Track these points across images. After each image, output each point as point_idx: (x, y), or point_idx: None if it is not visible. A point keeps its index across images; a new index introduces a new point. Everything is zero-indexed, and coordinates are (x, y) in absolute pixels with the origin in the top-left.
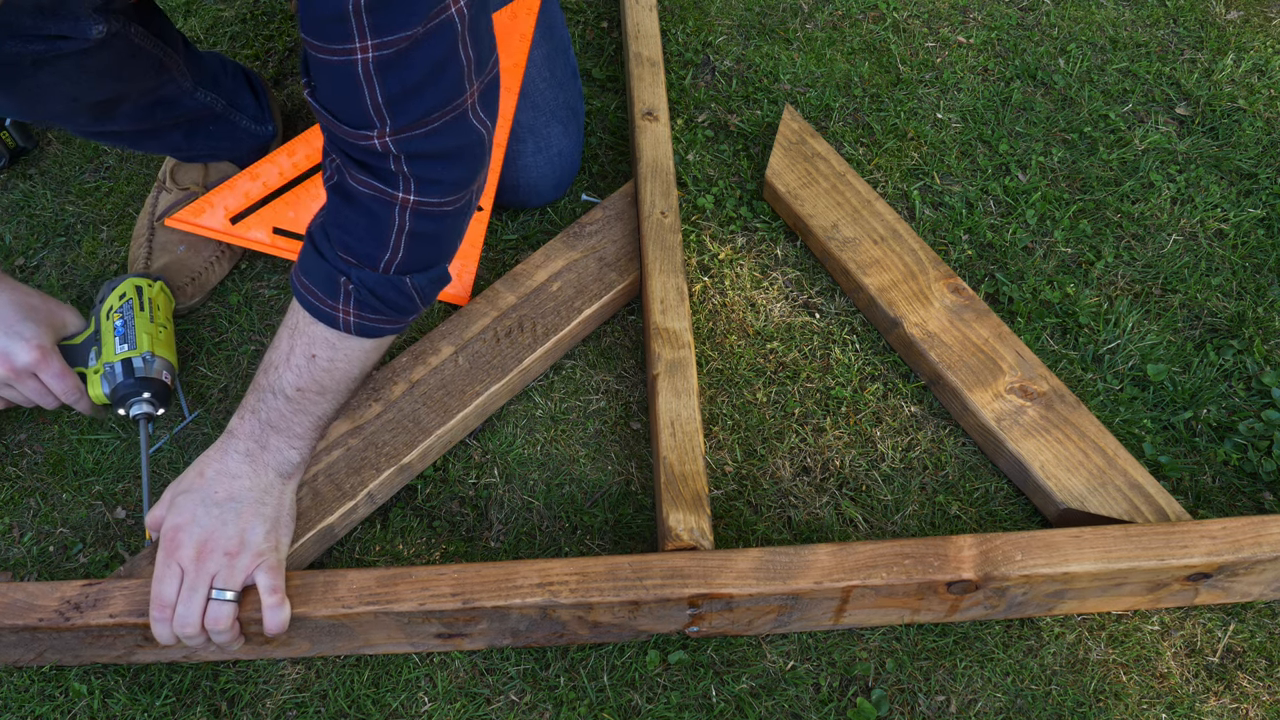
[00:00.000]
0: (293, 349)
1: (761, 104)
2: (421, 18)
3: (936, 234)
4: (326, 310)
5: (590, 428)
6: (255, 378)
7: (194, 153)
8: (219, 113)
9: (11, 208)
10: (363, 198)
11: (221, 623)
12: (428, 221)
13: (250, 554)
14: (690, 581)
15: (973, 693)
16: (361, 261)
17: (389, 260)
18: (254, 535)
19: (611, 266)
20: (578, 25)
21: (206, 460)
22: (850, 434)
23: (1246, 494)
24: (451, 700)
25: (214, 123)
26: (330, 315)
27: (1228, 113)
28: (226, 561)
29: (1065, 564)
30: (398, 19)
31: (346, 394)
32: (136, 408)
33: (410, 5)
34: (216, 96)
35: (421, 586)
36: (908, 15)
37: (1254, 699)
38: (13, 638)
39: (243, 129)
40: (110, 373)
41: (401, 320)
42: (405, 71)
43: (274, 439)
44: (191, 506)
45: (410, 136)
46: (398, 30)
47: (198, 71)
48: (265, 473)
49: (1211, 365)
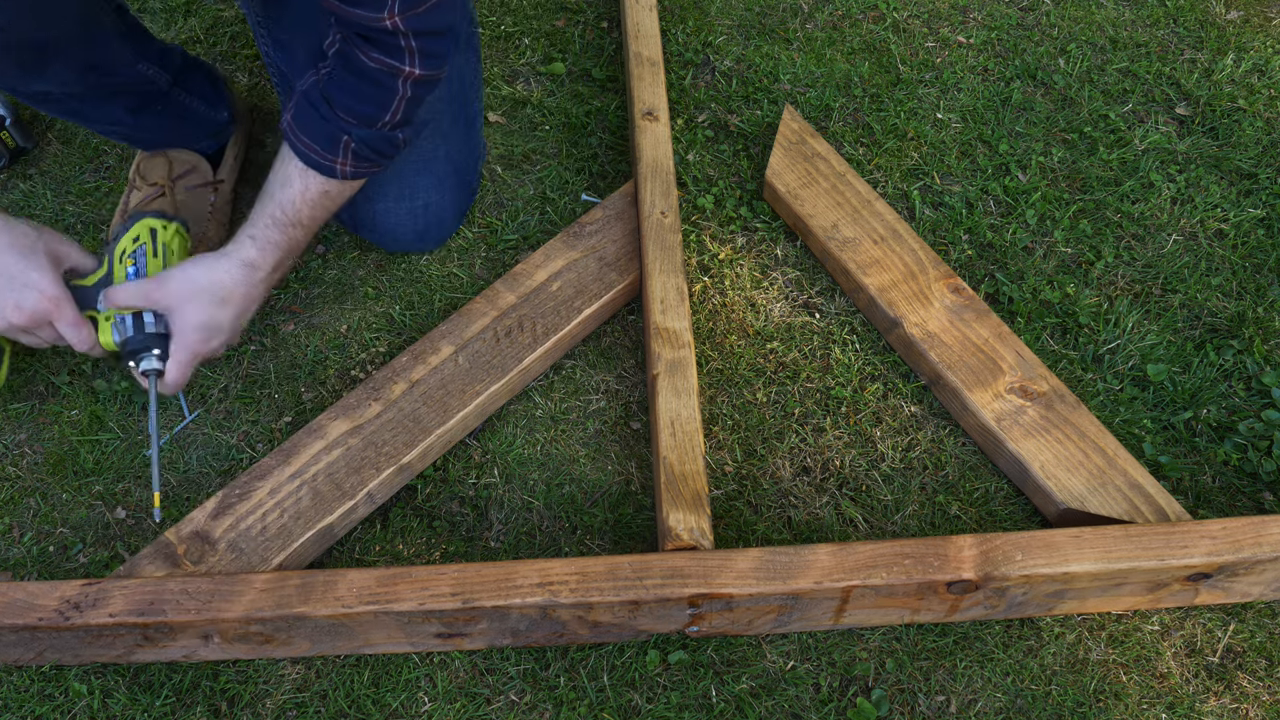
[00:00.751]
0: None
1: (761, 104)
2: None
3: (936, 234)
4: (325, 163)
5: (590, 428)
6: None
7: (144, 135)
8: (164, 90)
9: (11, 208)
10: (372, 71)
11: None
12: (423, 88)
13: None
14: (690, 581)
15: (973, 693)
16: (362, 122)
17: (388, 120)
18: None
19: (611, 266)
20: (578, 25)
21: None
22: (850, 434)
23: (1246, 494)
24: (451, 700)
25: (160, 101)
26: (328, 167)
27: (1228, 113)
28: None
29: (1065, 564)
30: None
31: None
32: (145, 363)
33: None
34: (160, 71)
35: (421, 586)
36: (908, 15)
37: (1254, 699)
38: (12, 637)
39: (194, 111)
40: (120, 323)
41: (384, 163)
42: None
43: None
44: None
45: (415, 15)
46: None
47: (142, 44)
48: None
49: (1211, 365)
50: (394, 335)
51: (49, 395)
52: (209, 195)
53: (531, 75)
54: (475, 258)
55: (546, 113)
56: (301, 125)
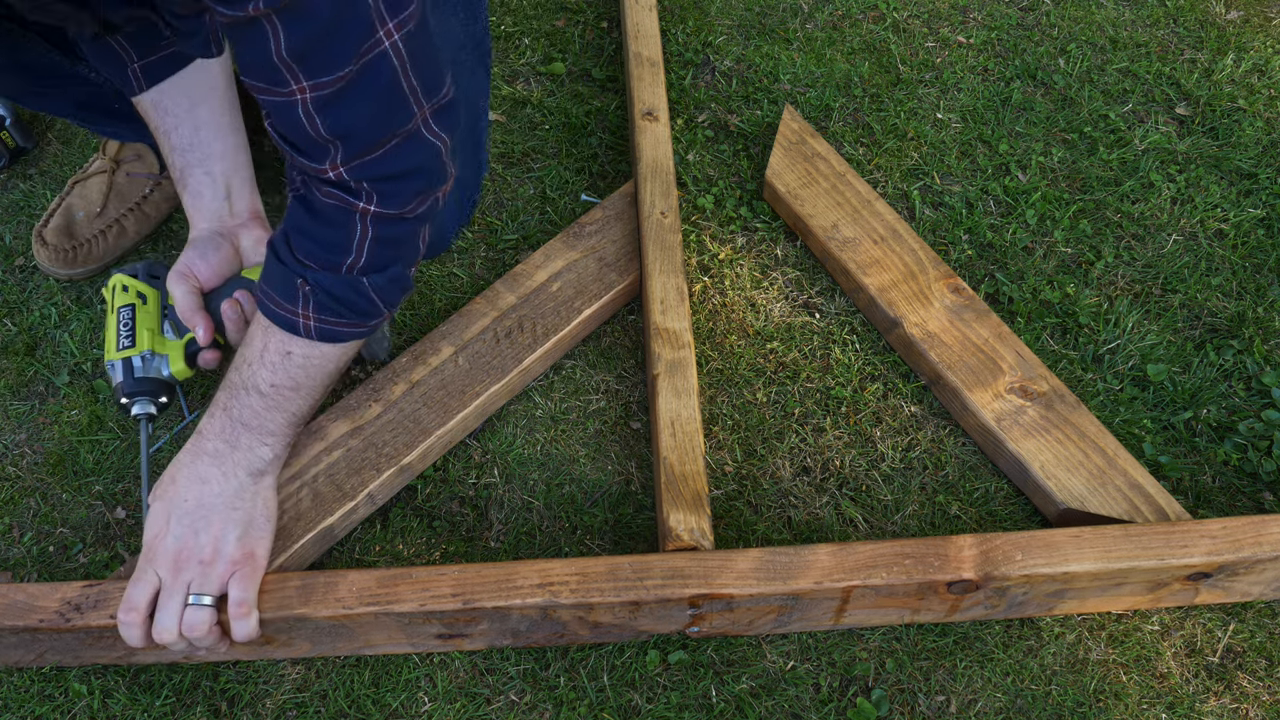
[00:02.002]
0: (266, 345)
1: (761, 104)
2: (350, 57)
3: (936, 234)
4: (286, 316)
5: (590, 428)
6: (227, 374)
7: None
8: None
9: (11, 208)
10: (326, 208)
11: (199, 629)
12: (389, 227)
13: (225, 562)
14: (691, 582)
15: (973, 693)
16: (322, 266)
17: (351, 264)
18: (226, 543)
19: (611, 267)
20: (578, 25)
21: (178, 464)
22: (850, 434)
23: (1246, 494)
24: (451, 700)
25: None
26: (290, 321)
27: (1228, 113)
28: (201, 570)
29: (1065, 564)
30: (326, 62)
31: (322, 391)
32: (138, 408)
33: (335, 48)
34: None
35: (422, 587)
36: (908, 15)
37: (1254, 699)
38: (13, 639)
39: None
40: (111, 370)
41: (363, 324)
42: (345, 108)
43: (245, 437)
44: (164, 516)
45: (362, 163)
46: (330, 72)
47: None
48: (235, 474)
49: (1211, 365)
50: (394, 335)
51: (49, 395)
52: (145, 186)
53: (531, 75)
54: (475, 257)
55: (546, 113)
56: (266, 274)
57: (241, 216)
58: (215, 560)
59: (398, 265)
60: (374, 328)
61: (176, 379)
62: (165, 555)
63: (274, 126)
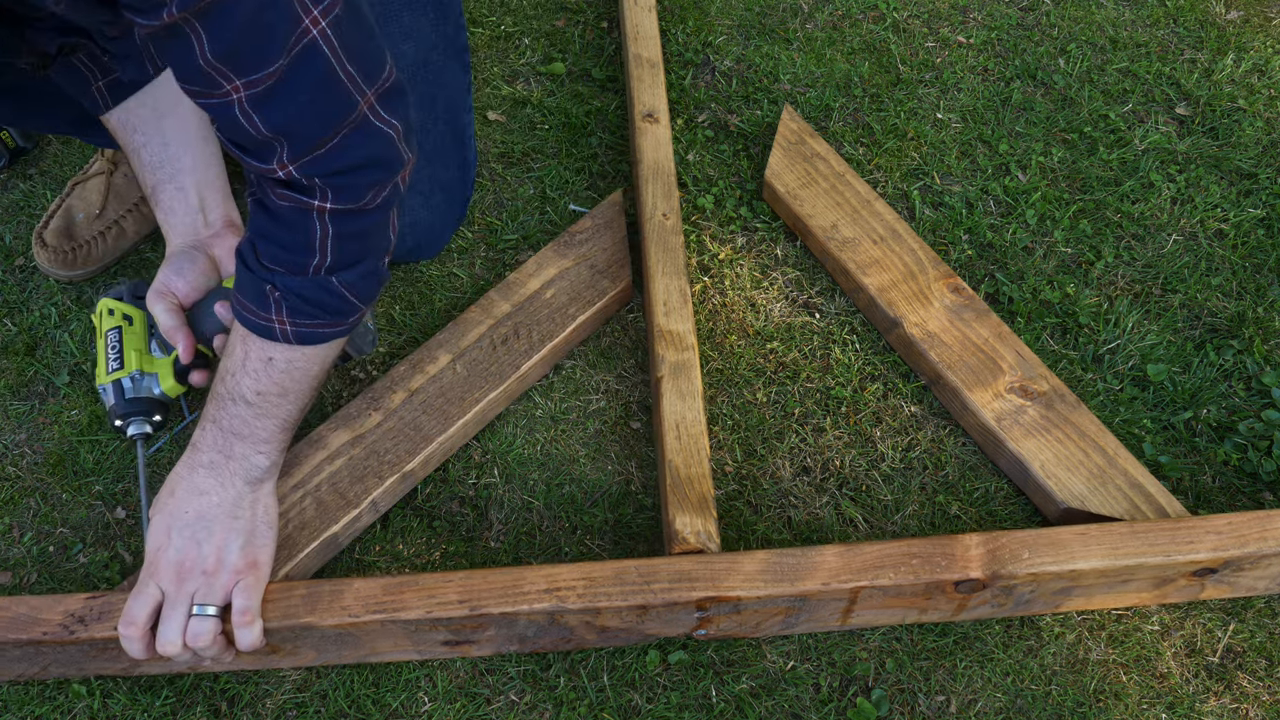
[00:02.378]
0: (247, 354)
1: (761, 104)
2: (279, 51)
3: (936, 234)
4: (262, 322)
5: (590, 427)
6: (213, 386)
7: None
8: None
9: (11, 208)
10: (283, 210)
11: (203, 638)
12: (350, 222)
13: (229, 572)
14: (698, 585)
15: (973, 693)
16: (289, 269)
17: (317, 264)
18: (230, 553)
19: (603, 273)
20: (578, 25)
21: (175, 478)
22: (850, 434)
23: (1246, 494)
24: (451, 700)
25: None
26: (265, 327)
27: (1228, 113)
28: (205, 580)
29: (1072, 561)
30: (255, 60)
31: (311, 393)
32: (133, 428)
33: (261, 44)
34: None
35: (428, 594)
36: (908, 15)
37: (1254, 699)
38: (16, 652)
39: None
40: (104, 393)
41: (341, 322)
42: (282, 103)
43: (238, 446)
44: (165, 529)
45: (311, 160)
46: (260, 68)
47: None
48: (233, 483)
49: (1211, 365)
50: (394, 335)
51: (49, 395)
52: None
53: (531, 75)
54: (475, 257)
55: (546, 112)
56: (238, 283)
57: (216, 226)
58: (219, 570)
59: (368, 259)
60: (354, 324)
61: (169, 396)
62: (168, 567)
63: (220, 130)
